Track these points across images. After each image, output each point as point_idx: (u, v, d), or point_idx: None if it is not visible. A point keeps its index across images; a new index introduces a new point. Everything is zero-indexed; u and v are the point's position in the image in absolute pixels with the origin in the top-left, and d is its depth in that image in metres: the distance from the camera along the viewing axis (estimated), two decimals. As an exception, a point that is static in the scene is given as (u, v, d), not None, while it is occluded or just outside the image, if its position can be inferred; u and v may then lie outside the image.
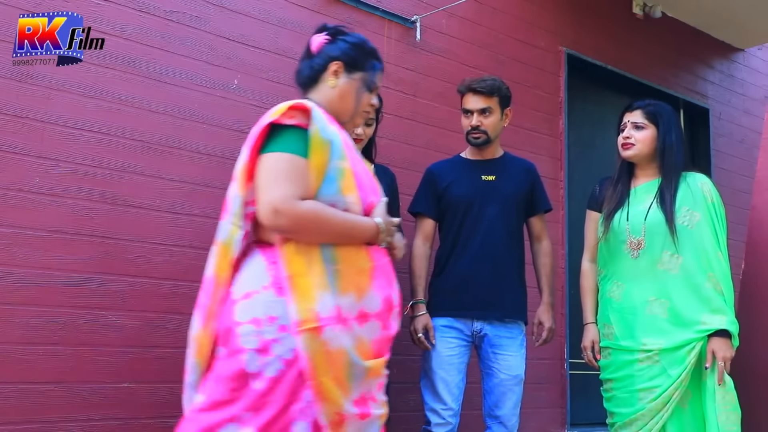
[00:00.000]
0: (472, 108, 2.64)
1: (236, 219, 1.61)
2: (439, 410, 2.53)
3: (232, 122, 2.80)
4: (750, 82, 5.23)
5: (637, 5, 4.46)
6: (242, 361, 1.52)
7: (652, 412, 2.22)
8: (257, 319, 1.53)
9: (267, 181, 1.56)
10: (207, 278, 1.64)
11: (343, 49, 1.81)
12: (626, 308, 2.34)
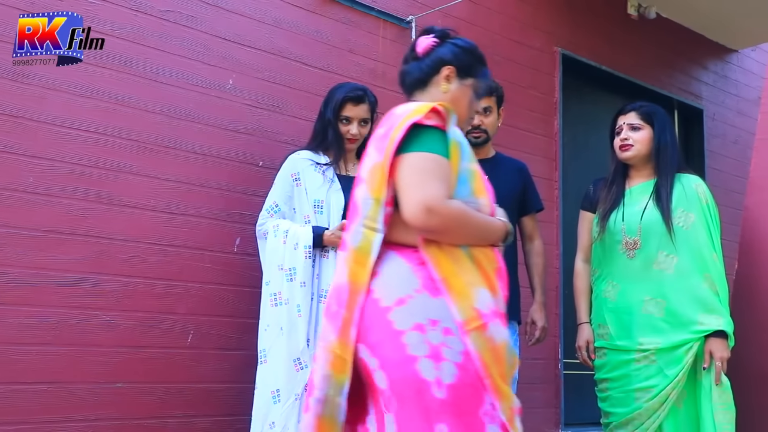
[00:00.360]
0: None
1: (371, 222, 1.54)
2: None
3: (228, 122, 2.79)
4: (744, 83, 5.25)
5: (632, 6, 4.47)
6: (417, 370, 1.45)
7: (649, 411, 2.22)
8: (420, 324, 1.47)
9: (417, 181, 1.51)
10: (339, 286, 1.56)
11: (456, 53, 1.78)
12: (622, 308, 2.35)
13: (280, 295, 2.34)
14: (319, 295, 2.38)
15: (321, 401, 1.50)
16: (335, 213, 2.47)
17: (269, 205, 2.50)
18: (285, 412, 2.25)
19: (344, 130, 2.54)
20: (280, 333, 2.31)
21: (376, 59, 3.30)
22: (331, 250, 2.42)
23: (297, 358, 2.29)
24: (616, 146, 2.47)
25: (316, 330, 2.35)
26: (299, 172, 2.51)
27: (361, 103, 2.55)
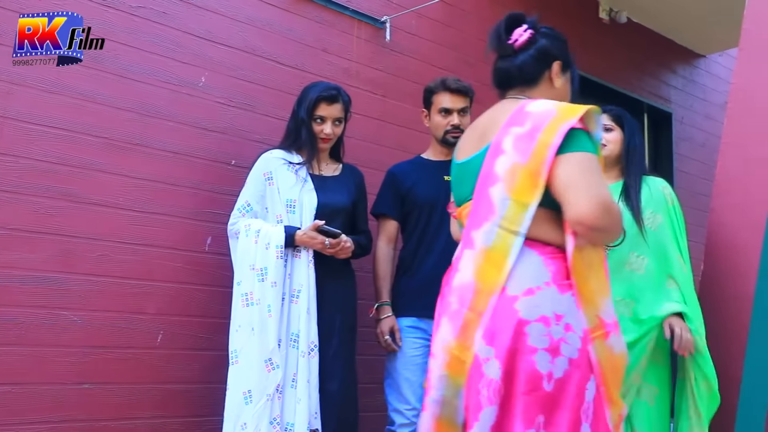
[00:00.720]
0: (452, 107, 2.67)
1: (511, 224, 1.50)
2: (403, 410, 2.54)
3: (199, 120, 2.76)
4: (711, 87, 5.35)
5: (604, 10, 4.53)
6: (534, 362, 1.43)
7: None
8: (545, 317, 1.45)
9: (590, 180, 1.47)
10: (463, 285, 1.52)
11: (558, 46, 1.75)
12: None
13: (251, 295, 2.32)
14: (291, 294, 2.37)
15: (438, 402, 1.49)
16: (308, 213, 2.46)
17: (241, 204, 2.48)
18: (257, 412, 2.24)
19: (318, 129, 2.54)
20: (251, 333, 2.30)
21: (350, 59, 3.30)
22: (303, 249, 2.41)
23: (268, 358, 2.27)
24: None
25: (287, 330, 2.34)
26: (272, 171, 2.49)
27: (335, 103, 2.55)
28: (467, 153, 1.69)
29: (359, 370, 2.65)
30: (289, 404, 2.29)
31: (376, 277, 2.65)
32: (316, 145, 2.55)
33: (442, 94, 2.68)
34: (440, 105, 2.68)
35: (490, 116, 1.70)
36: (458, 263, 1.56)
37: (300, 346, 2.33)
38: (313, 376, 2.34)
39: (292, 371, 2.31)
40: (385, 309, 2.60)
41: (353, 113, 3.17)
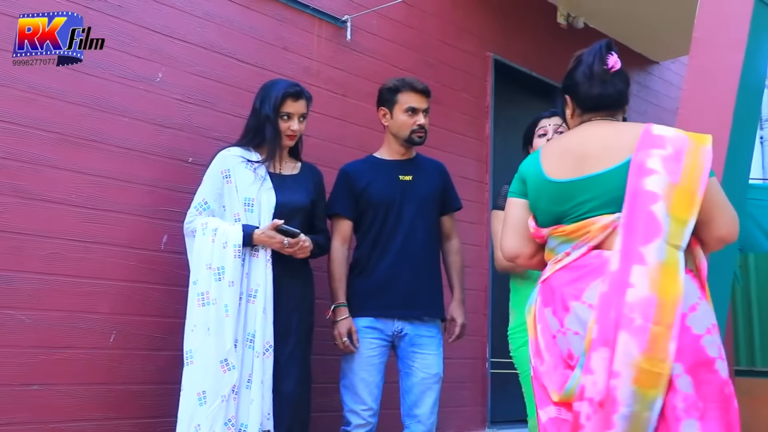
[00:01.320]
0: (419, 107, 2.68)
1: (675, 240, 1.59)
2: (359, 411, 2.54)
3: (156, 116, 2.71)
4: (664, 93, 5.49)
5: (561, 15, 4.61)
6: (718, 371, 1.57)
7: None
8: (709, 328, 1.59)
9: (728, 203, 1.69)
10: (641, 300, 1.55)
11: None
12: None
13: (207, 295, 2.29)
14: (248, 294, 2.35)
15: (627, 417, 1.51)
16: (266, 211, 2.44)
17: (198, 202, 2.45)
18: (211, 414, 2.21)
19: (284, 126, 2.51)
20: (207, 333, 2.27)
21: (311, 57, 3.29)
22: (261, 249, 2.39)
23: (224, 359, 2.25)
24: (537, 147, 2.51)
25: (244, 330, 2.32)
26: (230, 169, 2.46)
27: (301, 99, 2.54)
28: (570, 172, 1.76)
29: (315, 370, 2.64)
30: (244, 405, 2.27)
31: (332, 278, 2.63)
32: (281, 142, 2.53)
33: (408, 94, 2.68)
34: (407, 104, 2.67)
35: (589, 136, 1.80)
36: (627, 278, 1.58)
37: (255, 347, 2.31)
38: (267, 377, 2.32)
39: (248, 372, 2.29)
40: (342, 310, 2.58)
41: (313, 112, 3.16)
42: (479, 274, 3.90)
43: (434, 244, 2.75)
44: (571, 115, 1.92)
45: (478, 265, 3.90)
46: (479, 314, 3.85)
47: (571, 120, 1.93)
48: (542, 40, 4.51)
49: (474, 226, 3.90)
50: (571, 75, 1.93)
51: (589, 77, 1.86)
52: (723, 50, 2.32)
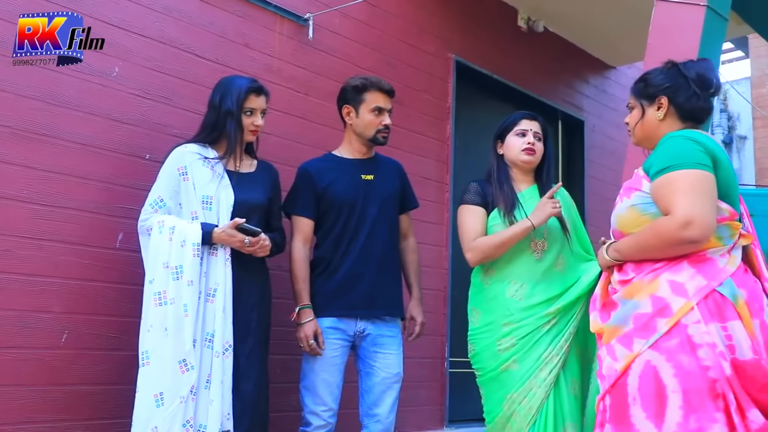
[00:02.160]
0: (385, 107, 2.69)
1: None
2: (319, 412, 2.53)
3: (112, 112, 2.66)
4: (621, 98, 5.61)
5: (522, 19, 4.68)
6: None
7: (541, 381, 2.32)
8: None
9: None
10: None
11: None
12: (532, 306, 2.37)
13: (165, 294, 2.26)
14: (207, 293, 2.32)
15: None
16: (224, 210, 2.42)
17: (153, 199, 2.40)
18: (169, 416, 2.17)
19: (248, 122, 2.49)
20: (164, 334, 2.23)
21: (272, 55, 3.26)
22: (220, 247, 2.36)
23: (183, 359, 2.22)
24: (518, 148, 2.49)
25: (203, 330, 2.29)
26: (186, 166, 2.43)
27: (262, 95, 2.53)
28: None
29: (274, 369, 2.63)
30: (203, 406, 2.24)
31: (296, 279, 2.60)
32: (242, 138, 2.50)
33: (376, 93, 2.67)
34: (374, 103, 2.67)
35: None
36: None
37: (215, 346, 2.29)
38: (227, 377, 2.30)
39: (207, 372, 2.27)
40: (307, 312, 2.55)
41: (274, 110, 3.14)
42: (439, 274, 3.93)
43: (395, 244, 2.76)
44: (663, 118, 1.98)
45: (438, 264, 3.93)
46: (438, 314, 3.88)
47: (664, 121, 1.97)
48: (503, 42, 4.57)
49: (434, 226, 3.93)
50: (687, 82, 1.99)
51: (713, 93, 2.01)
52: (676, 57, 2.37)
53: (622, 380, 1.78)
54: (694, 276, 1.77)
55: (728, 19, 2.55)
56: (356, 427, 2.68)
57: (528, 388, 2.33)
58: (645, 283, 1.81)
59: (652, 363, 1.73)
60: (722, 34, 2.55)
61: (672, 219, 1.75)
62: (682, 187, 1.76)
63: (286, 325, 2.67)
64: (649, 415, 1.70)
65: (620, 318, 1.84)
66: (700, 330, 1.71)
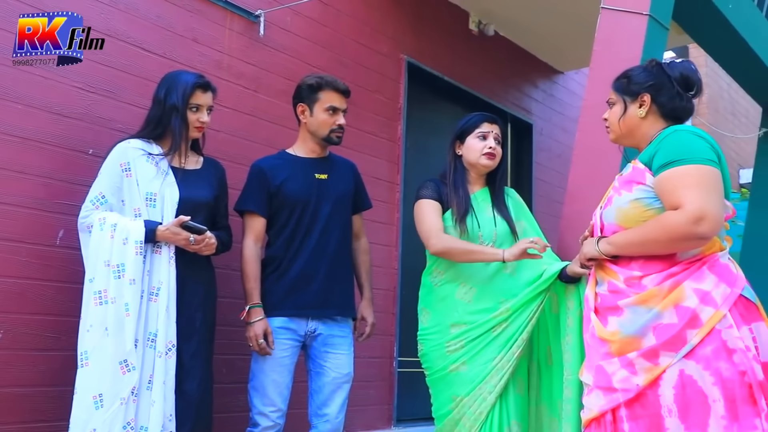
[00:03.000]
0: (340, 107, 2.67)
1: None
2: (268, 413, 2.51)
3: (52, 105, 2.58)
4: (568, 102, 5.74)
5: (473, 22, 4.73)
6: None
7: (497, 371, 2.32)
8: None
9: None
10: None
11: None
12: (481, 310, 2.38)
13: (105, 293, 2.20)
14: (150, 292, 2.27)
15: None
16: (169, 207, 2.37)
17: (94, 196, 2.33)
18: (109, 418, 2.12)
19: (193, 118, 2.44)
20: (104, 334, 2.18)
21: (221, 51, 3.22)
22: (165, 245, 2.31)
23: (124, 360, 2.16)
24: (479, 151, 2.47)
25: (145, 329, 2.24)
26: (130, 162, 2.37)
27: (209, 91, 2.49)
28: None
29: (220, 369, 2.59)
30: (144, 407, 2.19)
31: (246, 278, 2.57)
32: (187, 134, 2.45)
33: (331, 93, 2.65)
34: (329, 103, 2.65)
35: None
36: None
37: (157, 346, 2.24)
38: (170, 377, 2.25)
39: (149, 372, 2.22)
40: (257, 311, 2.52)
41: (223, 107, 3.10)
42: (389, 274, 3.94)
43: (348, 244, 2.75)
44: (645, 115, 1.97)
45: (388, 264, 3.95)
46: (388, 314, 3.89)
47: (645, 119, 1.97)
48: (454, 45, 4.61)
49: (384, 226, 3.94)
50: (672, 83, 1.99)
51: (697, 95, 2.01)
52: (620, 64, 2.44)
53: (650, 392, 1.72)
54: (718, 283, 1.74)
55: (669, 28, 2.63)
56: (305, 427, 2.66)
57: (478, 394, 2.34)
58: (664, 290, 1.75)
59: (687, 372, 1.69)
60: (663, 42, 2.64)
61: (683, 213, 1.70)
62: (694, 182, 1.72)
63: (233, 325, 2.64)
64: (688, 426, 1.66)
65: (637, 328, 1.77)
66: (733, 335, 1.69)
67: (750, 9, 3.18)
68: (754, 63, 3.25)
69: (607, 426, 1.79)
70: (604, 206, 1.96)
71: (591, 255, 1.94)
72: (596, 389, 1.84)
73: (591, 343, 1.90)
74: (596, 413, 1.82)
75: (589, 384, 1.88)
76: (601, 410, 1.81)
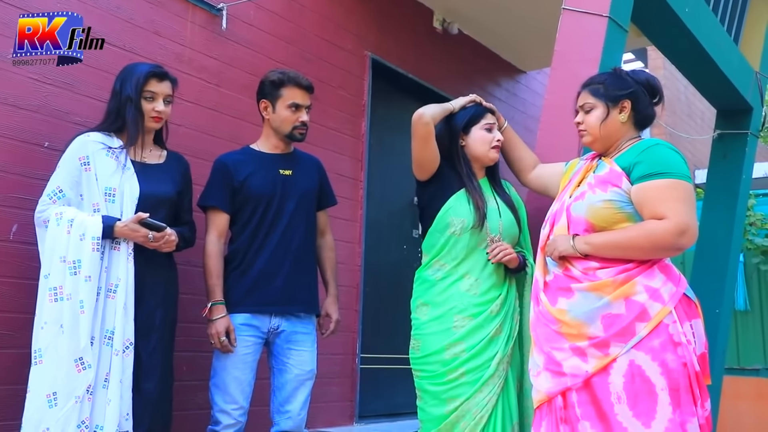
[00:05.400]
0: (302, 103, 2.64)
1: None
2: (230, 411, 2.49)
3: (7, 96, 2.51)
4: (530, 102, 5.81)
5: (437, 20, 4.75)
6: None
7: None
8: None
9: None
10: None
11: None
12: (486, 302, 2.31)
13: (61, 290, 2.15)
14: (108, 289, 2.23)
15: None
16: (128, 202, 2.32)
17: (51, 190, 2.28)
18: (63, 417, 2.07)
19: (148, 107, 2.40)
20: (59, 331, 2.13)
21: (183, 44, 3.17)
22: (123, 242, 2.27)
23: (79, 357, 2.12)
24: (488, 144, 2.42)
25: (102, 327, 2.20)
26: (89, 155, 2.32)
27: (165, 80, 2.44)
28: None
29: (180, 367, 2.56)
30: (100, 406, 2.15)
31: (209, 275, 2.54)
32: (143, 125, 2.40)
33: (293, 89, 2.63)
34: (291, 100, 2.63)
35: None
36: None
37: (114, 344, 2.20)
38: (127, 376, 2.21)
39: (105, 371, 2.18)
40: (219, 308, 2.50)
41: (185, 101, 3.05)
42: (351, 271, 3.94)
43: (312, 240, 2.74)
44: (625, 121, 2.06)
45: (351, 261, 3.94)
46: (350, 310, 3.89)
47: (624, 124, 2.06)
48: (419, 42, 4.63)
49: (347, 223, 3.94)
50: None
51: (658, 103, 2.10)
52: (580, 64, 2.48)
53: (599, 379, 1.83)
54: (666, 282, 1.87)
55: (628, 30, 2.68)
56: (267, 425, 2.65)
57: (480, 397, 2.23)
58: (617, 282, 1.86)
59: (637, 362, 1.81)
60: (622, 44, 2.68)
61: (668, 225, 1.84)
62: (679, 196, 1.86)
63: (194, 322, 2.61)
64: (636, 413, 1.77)
65: (584, 312, 1.88)
66: (678, 330, 1.83)
67: (705, 13, 3.26)
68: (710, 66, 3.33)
69: (557, 410, 1.89)
70: (574, 199, 2.01)
71: (567, 253, 1.97)
72: (545, 371, 1.94)
73: (540, 320, 2.00)
74: (544, 396, 1.93)
75: (539, 366, 1.96)
76: (549, 393, 1.91)
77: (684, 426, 1.77)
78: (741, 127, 3.69)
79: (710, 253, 3.63)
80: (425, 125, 2.34)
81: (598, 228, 1.94)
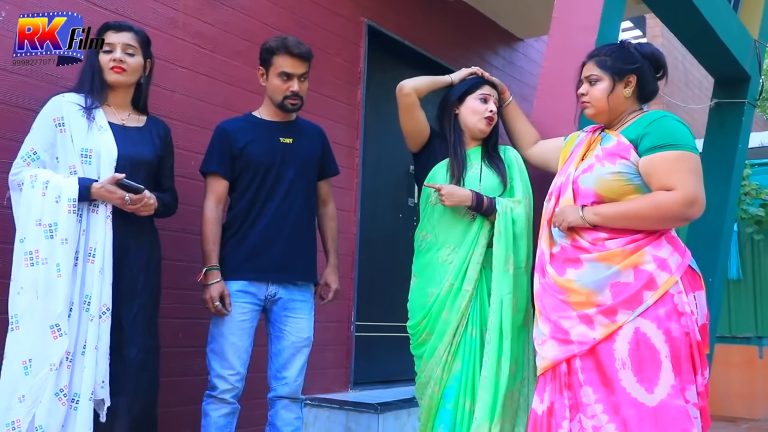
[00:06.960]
0: (293, 72, 2.59)
1: None
2: (227, 376, 2.50)
3: (-2, 60, 2.47)
4: (527, 70, 5.76)
5: (435, -14, 4.68)
6: None
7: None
8: None
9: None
10: None
11: None
12: (460, 272, 2.31)
13: (37, 254, 2.10)
14: (87, 253, 2.17)
15: None
16: (106, 164, 2.26)
17: (26, 152, 2.22)
18: (37, 384, 2.04)
19: (105, 59, 2.32)
20: (35, 296, 2.08)
21: (176, 8, 3.12)
22: (101, 204, 2.22)
23: (55, 324, 2.07)
24: (481, 114, 2.41)
25: (81, 292, 2.15)
26: (63, 116, 2.25)
27: (124, 30, 2.35)
28: None
29: (176, 333, 2.57)
30: (79, 373, 2.11)
31: (205, 240, 2.53)
32: (102, 77, 2.32)
33: (283, 57, 2.57)
34: (280, 68, 2.58)
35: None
36: None
37: (91, 310, 2.15)
38: (103, 342, 2.16)
39: (84, 337, 2.13)
40: (214, 273, 2.50)
41: (179, 67, 3.02)
42: (347, 239, 3.95)
43: (311, 209, 2.73)
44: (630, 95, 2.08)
45: (347, 230, 3.94)
46: (346, 278, 3.90)
47: (629, 98, 2.08)
48: (416, 9, 4.56)
49: (343, 191, 3.93)
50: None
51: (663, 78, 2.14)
52: (578, 32, 2.46)
53: (604, 346, 1.87)
54: (672, 253, 1.91)
55: (627, -4, 2.66)
56: (264, 391, 2.67)
57: (438, 357, 2.29)
58: (626, 252, 1.90)
59: (642, 330, 1.85)
60: (621, 11, 2.66)
61: (678, 196, 1.87)
62: (688, 168, 1.89)
63: (190, 288, 2.61)
64: (640, 379, 1.82)
65: (595, 282, 1.91)
66: (683, 300, 1.87)
67: (706, -20, 3.22)
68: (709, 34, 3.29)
69: (561, 376, 1.93)
70: (581, 172, 2.03)
71: (576, 224, 1.99)
72: (551, 339, 1.97)
73: (546, 291, 2.01)
74: (549, 362, 1.96)
75: (545, 335, 1.99)
76: (554, 360, 1.94)
77: (684, 393, 1.82)
78: (738, 96, 3.66)
79: (705, 223, 3.64)
80: (405, 96, 2.38)
81: (606, 200, 1.96)
